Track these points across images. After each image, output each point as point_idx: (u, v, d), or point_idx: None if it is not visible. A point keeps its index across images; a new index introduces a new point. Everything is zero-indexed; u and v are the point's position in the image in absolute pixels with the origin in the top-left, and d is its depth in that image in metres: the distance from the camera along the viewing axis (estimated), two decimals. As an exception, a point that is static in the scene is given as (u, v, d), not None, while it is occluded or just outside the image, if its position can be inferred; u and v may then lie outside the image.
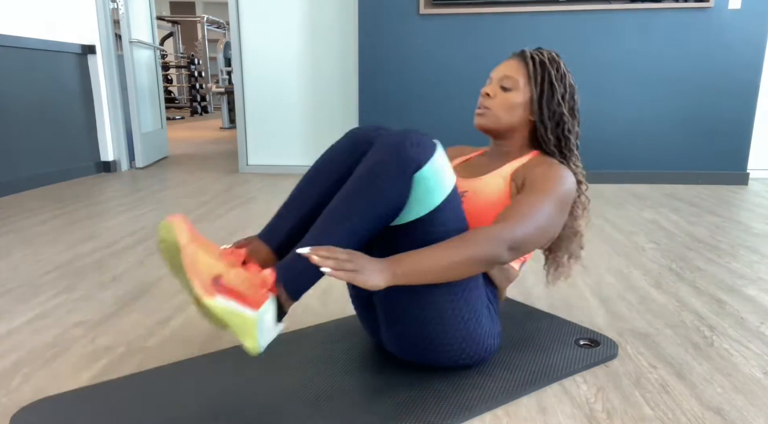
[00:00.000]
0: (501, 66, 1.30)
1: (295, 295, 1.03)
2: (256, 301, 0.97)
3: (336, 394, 1.13)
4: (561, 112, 1.26)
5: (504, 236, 1.04)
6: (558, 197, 1.15)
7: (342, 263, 0.93)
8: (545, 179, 1.17)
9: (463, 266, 1.01)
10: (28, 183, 3.45)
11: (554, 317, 1.51)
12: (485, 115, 1.28)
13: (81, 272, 1.95)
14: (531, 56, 1.27)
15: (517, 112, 1.27)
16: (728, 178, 3.65)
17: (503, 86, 1.27)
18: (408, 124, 3.77)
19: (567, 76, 1.27)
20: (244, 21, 4.04)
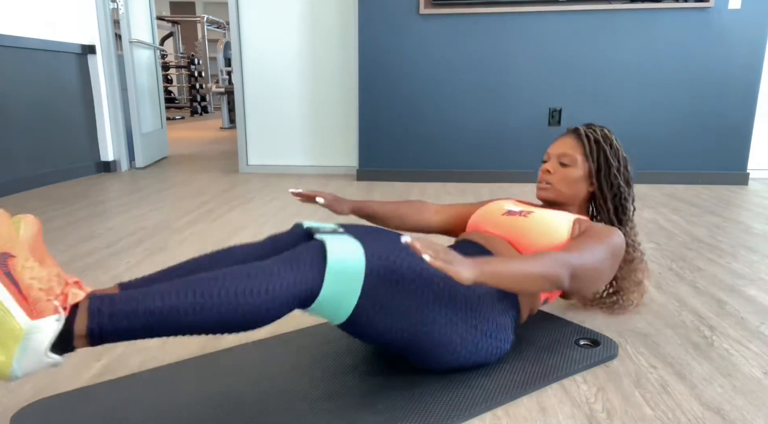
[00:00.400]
0: (557, 143, 1.45)
1: (95, 337, 0.85)
2: (36, 309, 0.78)
3: (336, 394, 1.13)
4: (618, 183, 1.41)
5: (572, 263, 1.12)
6: (612, 246, 1.24)
7: (439, 254, 0.93)
8: (603, 230, 1.27)
9: (535, 279, 1.06)
10: (28, 183, 3.45)
11: (554, 317, 1.51)
12: (548, 189, 1.43)
13: (81, 272, 1.95)
14: (586, 134, 1.43)
15: (577, 185, 1.42)
16: (728, 178, 3.65)
17: (562, 163, 1.42)
18: (408, 125, 3.77)
19: (620, 150, 1.43)
20: (244, 21, 4.04)
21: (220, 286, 0.92)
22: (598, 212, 1.47)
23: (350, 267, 1.02)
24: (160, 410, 1.08)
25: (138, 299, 0.88)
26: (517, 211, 1.39)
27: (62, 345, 0.83)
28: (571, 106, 3.65)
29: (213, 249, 2.20)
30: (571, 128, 1.47)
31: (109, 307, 0.85)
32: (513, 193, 3.40)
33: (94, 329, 0.84)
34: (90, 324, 0.84)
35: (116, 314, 0.85)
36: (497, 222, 1.39)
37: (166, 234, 2.44)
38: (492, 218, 1.41)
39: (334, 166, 4.19)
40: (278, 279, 0.96)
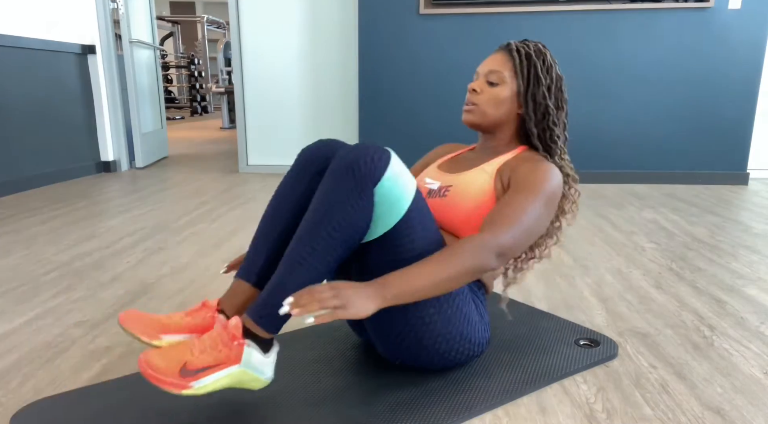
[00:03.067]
0: (487, 60, 1.30)
1: (273, 330, 1.04)
2: (232, 358, 0.99)
3: (336, 394, 1.13)
4: (546, 104, 1.25)
5: (491, 245, 1.04)
6: (545, 196, 1.14)
7: (325, 303, 0.90)
8: (532, 178, 1.15)
9: (452, 279, 1.00)
10: (29, 183, 3.45)
11: (554, 317, 1.51)
12: (473, 111, 1.28)
13: (81, 272, 1.95)
14: (517, 49, 1.26)
15: (504, 106, 1.26)
16: (728, 178, 3.65)
17: (489, 81, 1.26)
18: (408, 124, 3.77)
19: (553, 68, 1.26)
20: (244, 21, 4.04)
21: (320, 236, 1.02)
22: (527, 138, 1.31)
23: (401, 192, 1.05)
24: (159, 410, 1.08)
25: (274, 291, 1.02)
26: (436, 188, 1.30)
27: (266, 343, 1.04)
28: (571, 106, 3.65)
29: (211, 251, 2.20)
30: (503, 44, 1.30)
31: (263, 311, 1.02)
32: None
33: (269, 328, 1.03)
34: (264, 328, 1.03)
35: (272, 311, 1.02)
36: None
37: (166, 234, 2.44)
38: None
39: (334, 166, 4.19)
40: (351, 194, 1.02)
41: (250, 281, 1.14)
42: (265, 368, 1.03)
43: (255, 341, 1.01)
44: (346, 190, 1.01)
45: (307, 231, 1.03)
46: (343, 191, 1.01)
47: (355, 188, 1.01)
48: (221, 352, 0.98)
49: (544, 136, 1.27)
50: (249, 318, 1.02)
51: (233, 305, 1.13)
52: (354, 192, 1.01)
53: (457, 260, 1.00)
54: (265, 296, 1.02)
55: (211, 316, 1.12)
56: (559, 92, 1.27)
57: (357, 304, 0.92)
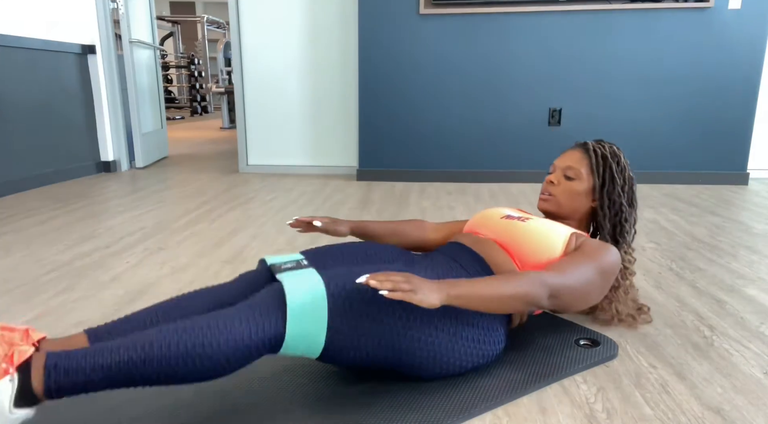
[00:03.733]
0: (564, 156, 1.43)
1: (52, 392, 0.87)
2: None
3: (335, 394, 1.13)
4: (620, 202, 1.39)
5: (550, 283, 1.11)
6: (603, 267, 1.22)
7: (398, 284, 0.94)
8: (597, 248, 1.25)
9: (508, 300, 1.05)
10: (28, 183, 3.45)
11: (554, 317, 1.51)
12: (549, 200, 1.41)
13: (81, 272, 1.95)
14: (594, 149, 1.39)
15: (579, 200, 1.40)
16: (728, 178, 3.65)
17: (567, 176, 1.41)
18: (408, 125, 3.77)
19: (627, 170, 1.40)
20: (244, 21, 4.04)
21: (178, 339, 0.92)
22: (597, 230, 1.44)
23: (311, 305, 1.00)
24: (160, 410, 1.08)
25: (95, 354, 0.89)
26: (516, 216, 1.37)
27: (28, 399, 0.85)
28: (571, 106, 3.65)
29: (211, 251, 2.21)
30: (579, 142, 1.46)
31: (65, 362, 0.87)
32: (512, 192, 3.40)
33: (51, 385, 0.86)
34: (47, 382, 0.86)
35: (72, 370, 0.87)
36: (493, 225, 1.37)
37: (166, 234, 2.44)
38: (488, 221, 1.39)
39: (334, 166, 4.19)
40: (238, 330, 0.95)
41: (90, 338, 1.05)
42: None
43: (21, 383, 0.85)
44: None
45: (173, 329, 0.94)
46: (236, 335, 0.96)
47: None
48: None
49: (614, 232, 1.42)
50: (43, 358, 0.87)
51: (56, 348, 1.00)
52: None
53: (520, 284, 1.07)
54: (79, 352, 0.89)
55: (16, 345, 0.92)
56: (632, 192, 1.41)
57: (426, 292, 0.95)
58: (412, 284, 0.95)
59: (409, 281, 0.95)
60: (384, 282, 0.94)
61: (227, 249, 2.21)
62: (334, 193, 3.38)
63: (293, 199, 3.20)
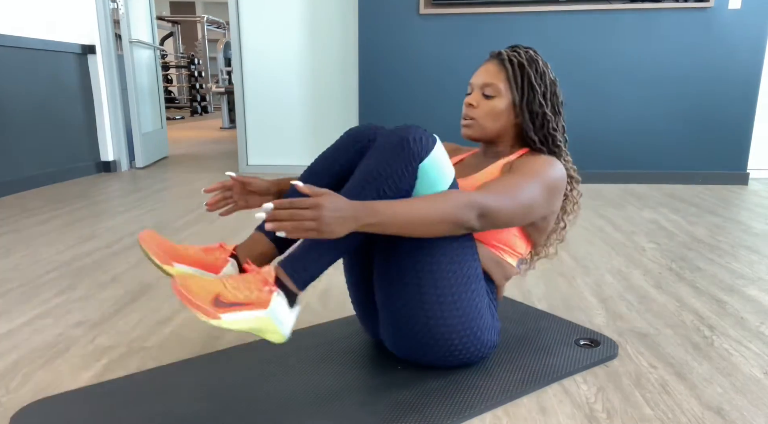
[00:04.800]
0: (480, 72, 1.30)
1: (302, 286, 1.07)
2: (262, 301, 1.01)
3: (336, 394, 1.13)
4: (543, 112, 1.26)
5: (477, 202, 1.03)
6: (545, 181, 1.16)
7: (301, 225, 0.90)
8: (533, 165, 1.18)
9: (432, 224, 1.00)
10: (28, 183, 3.45)
11: (554, 317, 1.51)
12: (471, 126, 1.29)
13: (81, 272, 1.95)
14: (509, 59, 1.26)
15: (502, 117, 1.27)
16: (728, 178, 3.65)
17: (485, 94, 1.27)
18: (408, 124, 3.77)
19: (546, 73, 1.27)
20: (244, 21, 4.04)
21: None
22: (527, 145, 1.32)
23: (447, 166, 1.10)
24: (160, 410, 1.08)
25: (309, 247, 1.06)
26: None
27: (293, 298, 1.06)
28: (571, 106, 3.65)
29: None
30: (494, 52, 1.30)
31: (298, 265, 1.05)
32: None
33: (299, 283, 1.06)
34: (295, 282, 1.06)
35: (308, 267, 1.06)
36: None
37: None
38: None
39: (334, 166, 4.19)
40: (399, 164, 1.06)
41: (270, 235, 1.18)
42: (287, 321, 1.05)
43: (283, 292, 1.04)
44: (394, 162, 1.05)
45: (349, 194, 1.06)
46: (390, 162, 1.05)
47: (402, 161, 1.05)
48: (252, 293, 1.00)
49: (546, 142, 1.29)
50: (281, 269, 1.05)
51: (249, 254, 1.17)
52: (401, 164, 1.05)
53: (443, 206, 1.00)
54: (299, 251, 1.05)
55: (224, 258, 1.16)
56: (555, 97, 1.28)
57: (332, 228, 0.92)
58: (318, 220, 0.90)
59: (317, 217, 0.90)
60: (285, 223, 0.90)
61: (227, 249, 2.21)
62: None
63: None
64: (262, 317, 1.00)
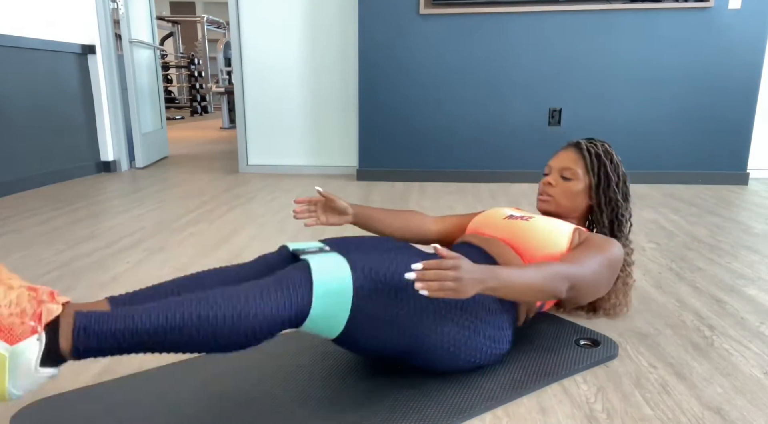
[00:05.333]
0: (559, 156, 1.46)
1: (80, 353, 0.87)
2: (13, 334, 0.80)
3: (335, 394, 1.13)
4: (617, 199, 1.43)
5: (572, 275, 1.15)
6: (610, 259, 1.26)
7: (443, 286, 0.93)
8: (603, 242, 1.28)
9: (535, 291, 1.07)
10: (28, 183, 3.45)
11: (554, 317, 1.51)
12: (548, 202, 1.45)
13: (81, 272, 1.95)
14: (587, 149, 1.44)
15: (577, 198, 1.44)
16: (728, 178, 3.65)
17: (564, 176, 1.44)
18: (408, 125, 3.77)
19: (620, 166, 1.44)
20: (244, 21, 4.04)
21: (209, 308, 0.93)
22: (595, 226, 1.49)
23: (337, 285, 1.01)
24: (160, 410, 1.08)
25: (126, 318, 0.89)
26: (519, 215, 1.40)
27: (53, 358, 0.85)
28: (571, 106, 3.65)
29: (211, 251, 2.21)
30: (572, 142, 1.49)
31: (95, 325, 0.87)
32: (512, 192, 3.40)
33: (79, 347, 0.86)
34: (75, 342, 0.86)
35: (102, 333, 0.87)
36: (498, 225, 1.40)
37: (166, 234, 2.44)
38: (493, 222, 1.42)
39: (334, 166, 4.19)
40: (267, 303, 0.96)
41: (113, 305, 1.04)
42: (23, 379, 0.81)
43: (49, 342, 0.84)
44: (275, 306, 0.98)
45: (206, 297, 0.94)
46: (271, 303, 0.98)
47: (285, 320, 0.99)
48: (9, 317, 0.80)
49: (612, 227, 1.46)
50: (72, 318, 0.86)
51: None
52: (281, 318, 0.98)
53: (545, 275, 1.09)
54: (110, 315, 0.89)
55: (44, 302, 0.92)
56: (626, 187, 1.45)
57: (466, 288, 0.95)
58: (457, 282, 0.93)
59: (457, 279, 0.93)
60: (431, 284, 0.92)
61: (227, 249, 2.21)
62: (335, 193, 3.38)
63: (293, 198, 3.20)
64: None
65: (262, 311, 0.95)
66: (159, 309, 0.92)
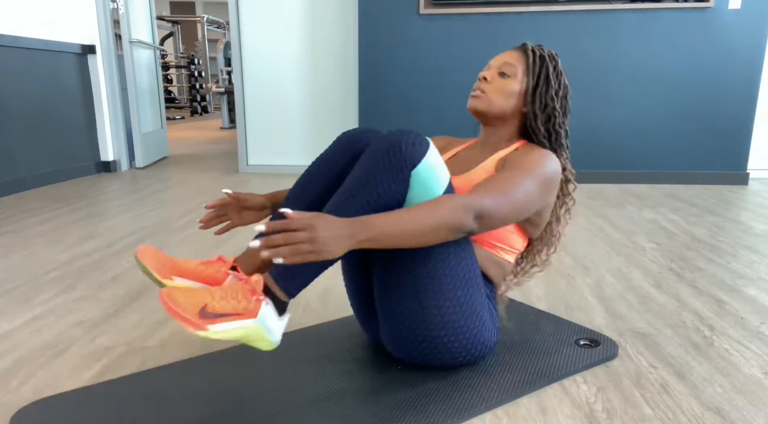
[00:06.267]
0: (502, 54, 1.34)
1: (292, 294, 1.06)
2: (250, 311, 1.00)
3: (336, 394, 1.13)
4: (553, 106, 1.28)
5: (473, 205, 1.03)
6: (540, 176, 1.16)
7: (298, 249, 0.87)
8: (529, 159, 1.18)
9: (430, 232, 0.99)
10: (28, 183, 3.45)
11: (554, 317, 1.51)
12: (480, 97, 1.29)
13: (81, 272, 1.95)
14: (532, 49, 1.31)
15: (512, 99, 1.29)
16: (728, 178, 3.65)
17: (502, 72, 1.30)
18: (408, 125, 3.77)
19: (563, 76, 1.30)
20: (244, 21, 4.04)
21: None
22: (532, 135, 1.32)
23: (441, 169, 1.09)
24: (160, 410, 1.08)
25: None
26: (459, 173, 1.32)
27: (282, 307, 1.06)
28: (571, 105, 3.65)
29: (211, 250, 2.21)
30: (518, 44, 1.39)
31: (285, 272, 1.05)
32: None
33: (289, 290, 1.06)
34: (284, 290, 1.05)
35: (293, 274, 1.05)
36: None
37: (166, 234, 2.44)
38: None
39: (334, 166, 4.19)
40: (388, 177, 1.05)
41: None
42: (276, 330, 1.04)
43: (272, 300, 1.04)
44: (385, 169, 1.05)
45: (340, 202, 1.05)
46: (382, 169, 1.05)
47: (394, 168, 1.05)
48: (240, 303, 1.00)
49: (549, 137, 1.30)
50: (270, 277, 1.05)
51: (249, 265, 1.17)
52: (392, 171, 1.05)
53: (438, 212, 0.99)
54: None
55: (225, 271, 1.15)
56: (565, 100, 1.31)
57: (329, 248, 0.90)
58: (314, 242, 0.88)
59: (312, 239, 0.88)
60: (280, 248, 0.87)
61: (227, 249, 2.21)
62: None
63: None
64: (250, 326, 0.99)
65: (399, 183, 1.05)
66: None
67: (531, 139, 1.32)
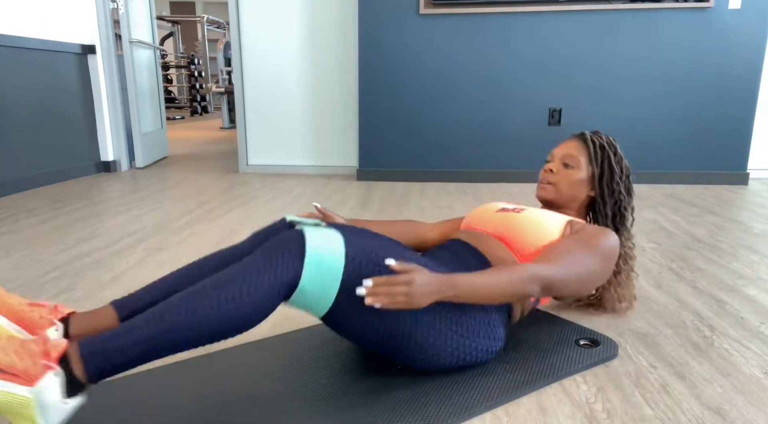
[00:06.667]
0: (563, 145, 1.45)
1: (94, 378, 0.90)
2: (30, 376, 0.83)
3: (336, 394, 1.13)
4: (619, 190, 1.41)
5: (543, 277, 1.12)
6: (603, 252, 1.23)
7: (395, 299, 0.97)
8: (594, 234, 1.26)
9: (500, 295, 1.08)
10: (28, 183, 3.45)
11: (554, 317, 1.51)
12: (548, 189, 1.42)
13: (81, 272, 1.95)
14: (591, 139, 1.43)
15: (578, 188, 1.42)
16: (728, 178, 3.65)
17: (566, 163, 1.42)
18: (408, 124, 3.77)
19: (623, 160, 1.43)
20: (244, 21, 4.04)
21: (203, 300, 0.94)
22: (597, 219, 1.46)
23: (330, 256, 1.01)
24: (160, 410, 1.08)
25: (125, 333, 0.91)
26: (511, 208, 1.39)
27: (76, 387, 0.88)
28: (571, 106, 3.65)
29: (211, 250, 2.21)
30: (576, 133, 1.47)
31: (99, 347, 0.89)
32: (512, 193, 3.40)
33: (93, 372, 0.89)
34: (87, 369, 0.89)
35: (108, 353, 0.89)
36: (490, 219, 1.38)
37: (166, 234, 2.44)
38: (485, 215, 1.41)
39: (334, 166, 4.19)
40: (258, 276, 0.97)
41: (121, 313, 1.07)
42: (55, 413, 0.84)
43: (66, 375, 0.87)
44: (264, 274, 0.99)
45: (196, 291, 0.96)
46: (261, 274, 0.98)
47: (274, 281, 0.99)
48: (23, 361, 0.84)
49: (615, 220, 1.44)
50: (78, 348, 0.89)
51: (85, 325, 1.04)
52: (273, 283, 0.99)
53: (512, 280, 1.08)
54: (110, 334, 0.91)
55: (50, 319, 1.00)
56: (629, 181, 1.44)
57: (420, 300, 0.99)
58: (410, 295, 0.97)
59: (409, 292, 0.97)
60: (382, 297, 0.97)
61: (227, 249, 2.21)
62: (334, 193, 3.38)
63: (293, 199, 3.20)
64: (18, 395, 0.80)
65: (255, 286, 0.96)
66: (156, 314, 0.93)
67: (597, 219, 1.45)
